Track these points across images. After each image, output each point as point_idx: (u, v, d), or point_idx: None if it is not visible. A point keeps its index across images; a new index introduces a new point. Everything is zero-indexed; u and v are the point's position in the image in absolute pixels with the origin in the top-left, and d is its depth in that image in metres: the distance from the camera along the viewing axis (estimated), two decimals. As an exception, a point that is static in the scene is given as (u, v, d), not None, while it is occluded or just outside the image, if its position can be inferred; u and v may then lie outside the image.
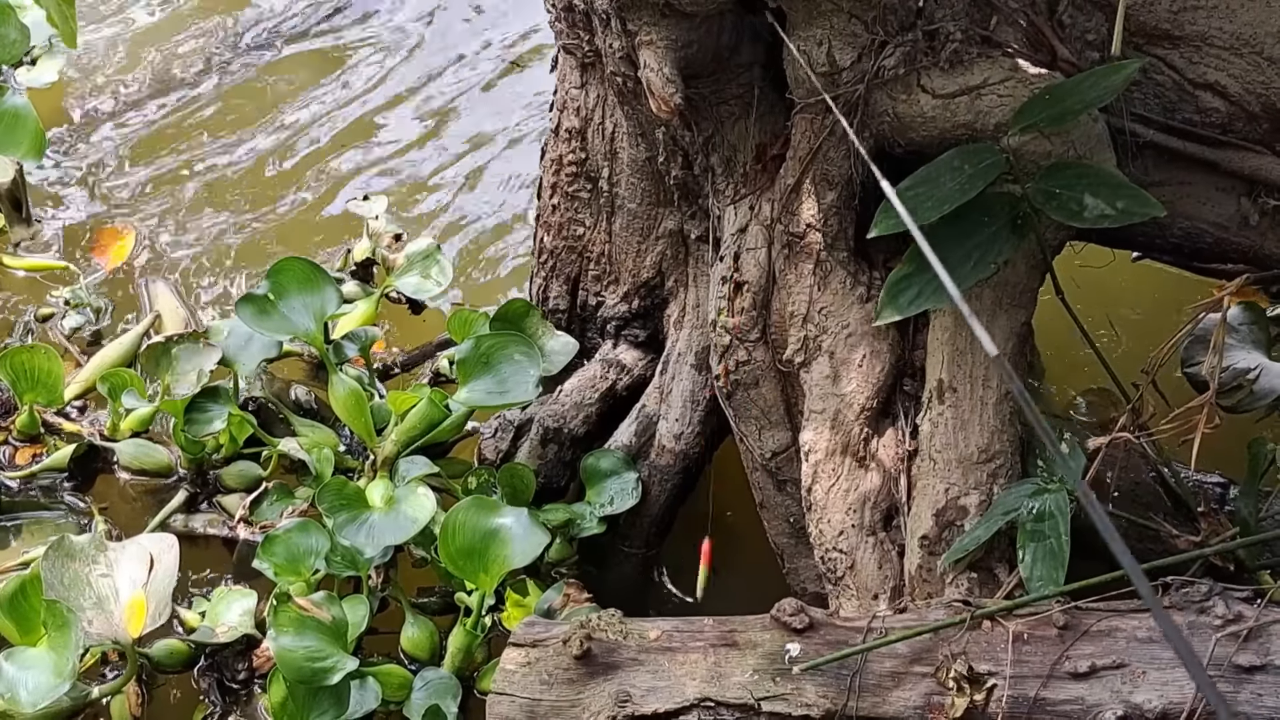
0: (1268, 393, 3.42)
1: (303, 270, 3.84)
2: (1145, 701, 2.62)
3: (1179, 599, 2.71)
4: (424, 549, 3.69)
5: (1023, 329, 3.14)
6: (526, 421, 3.93)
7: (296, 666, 3.25)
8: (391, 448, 3.79)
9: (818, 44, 3.07)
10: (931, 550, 3.08)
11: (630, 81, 3.34)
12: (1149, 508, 3.32)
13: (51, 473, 4.07)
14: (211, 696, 3.62)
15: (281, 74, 5.65)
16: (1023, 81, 2.99)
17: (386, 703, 3.45)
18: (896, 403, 3.31)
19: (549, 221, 3.98)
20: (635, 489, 3.78)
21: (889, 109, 3.11)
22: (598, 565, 3.85)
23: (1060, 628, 2.72)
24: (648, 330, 3.97)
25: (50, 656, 3.27)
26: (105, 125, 5.36)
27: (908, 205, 2.85)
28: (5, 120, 4.56)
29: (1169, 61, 3.20)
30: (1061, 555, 2.87)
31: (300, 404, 4.20)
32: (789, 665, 2.76)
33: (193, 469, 4.04)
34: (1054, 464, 3.10)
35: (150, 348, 4.11)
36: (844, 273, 3.29)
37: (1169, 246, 3.42)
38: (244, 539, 3.89)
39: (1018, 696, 2.68)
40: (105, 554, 3.49)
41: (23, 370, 4.02)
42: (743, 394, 3.46)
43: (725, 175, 3.44)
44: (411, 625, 3.64)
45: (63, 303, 4.57)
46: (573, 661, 2.82)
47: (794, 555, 3.56)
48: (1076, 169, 2.90)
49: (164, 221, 5.00)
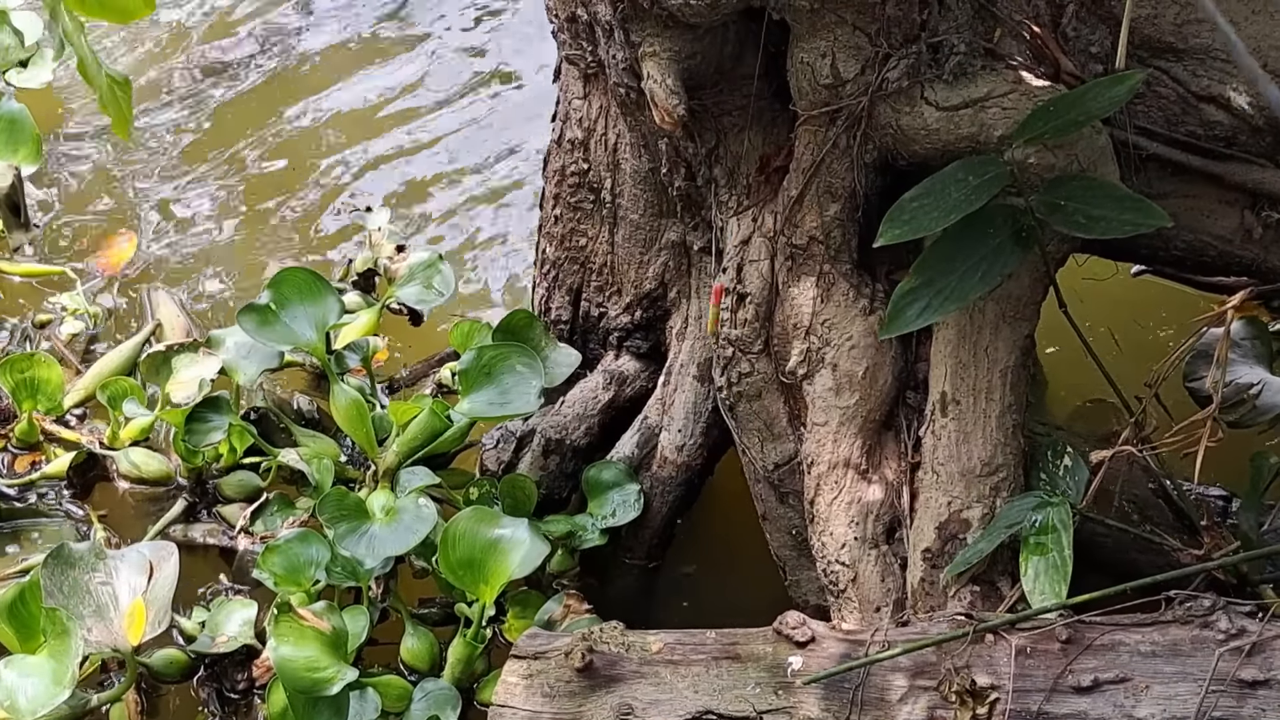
0: (1270, 408, 3.42)
1: (304, 280, 3.84)
2: (1148, 716, 2.62)
3: (1183, 613, 2.70)
4: (424, 560, 3.68)
5: (1026, 341, 3.14)
6: (528, 433, 3.92)
7: (296, 676, 3.24)
8: (393, 458, 3.79)
9: (821, 56, 3.07)
10: (934, 563, 3.08)
11: (633, 92, 3.34)
12: (1151, 521, 3.31)
13: (50, 481, 4.07)
14: (211, 707, 3.62)
15: (289, 78, 5.65)
16: (1026, 94, 2.99)
17: (386, 714, 3.44)
18: (899, 415, 3.31)
19: (551, 232, 3.98)
20: (637, 501, 3.77)
21: (892, 121, 3.11)
22: (599, 577, 3.84)
23: (1063, 641, 2.72)
24: (650, 341, 3.97)
25: (50, 664, 3.26)
26: (103, 128, 5.36)
27: (912, 216, 2.86)
28: (2, 126, 4.57)
29: (1173, 74, 3.20)
30: (1064, 569, 2.87)
31: (302, 414, 4.19)
32: (791, 678, 2.76)
33: (192, 478, 4.04)
34: (1057, 477, 3.10)
35: (150, 356, 4.11)
36: (847, 285, 3.29)
37: (1172, 260, 3.42)
38: (244, 549, 3.89)
39: (1020, 710, 2.68)
40: (105, 561, 3.49)
41: (22, 378, 4.02)
42: (745, 406, 3.46)
43: (728, 187, 3.44)
44: (411, 636, 3.64)
45: (60, 309, 4.56)
46: (575, 674, 2.82)
47: (796, 568, 3.56)
48: (1081, 181, 2.90)
49: (163, 227, 4.99)
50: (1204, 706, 2.60)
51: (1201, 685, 2.62)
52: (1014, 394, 3.11)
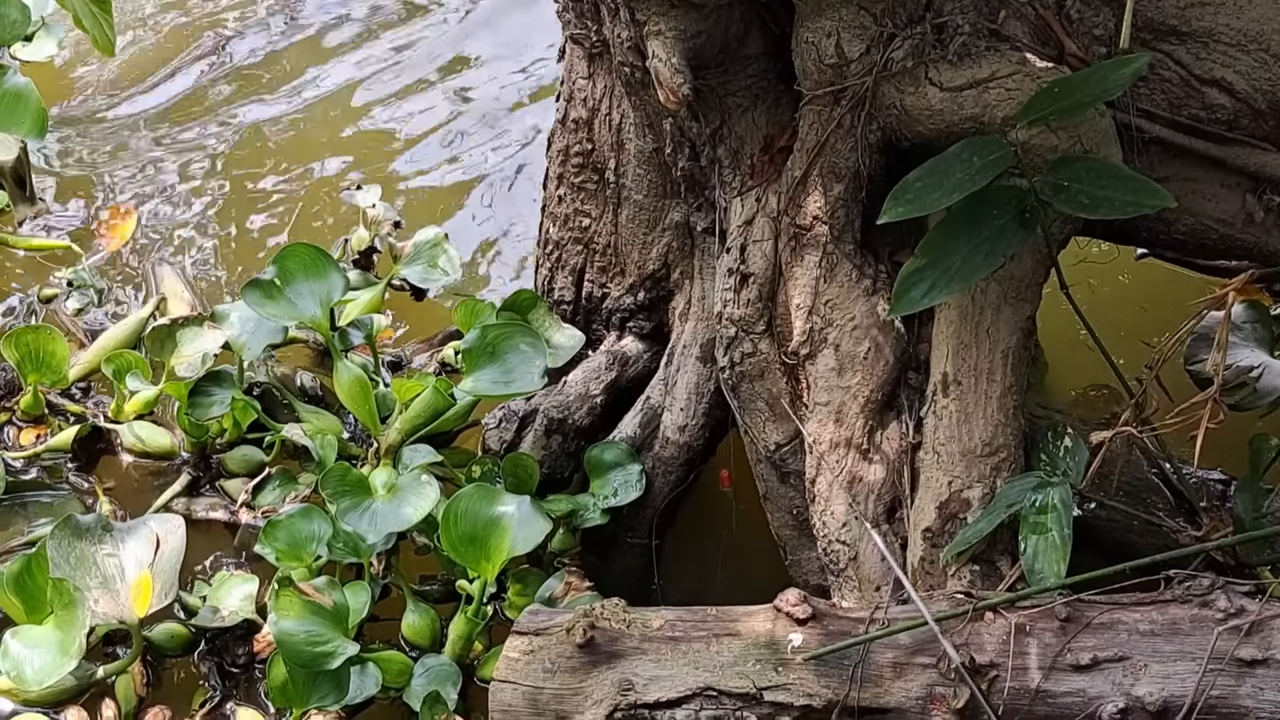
0: (1271, 390, 3.43)
1: (309, 256, 3.84)
2: (1146, 694, 2.63)
3: (1182, 592, 2.72)
4: (426, 536, 3.68)
5: (1027, 323, 3.15)
6: (531, 412, 3.92)
7: (297, 650, 3.26)
8: (395, 436, 3.80)
9: (826, 35, 3.08)
10: (934, 542, 3.09)
11: (638, 72, 3.35)
12: (1151, 505, 3.32)
13: (55, 454, 4.07)
14: (211, 680, 3.62)
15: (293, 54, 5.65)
16: (1030, 75, 3.00)
17: (387, 689, 3.45)
18: (901, 395, 3.32)
19: (555, 212, 3.99)
20: (639, 481, 3.78)
21: (896, 101, 3.12)
22: (600, 556, 3.85)
23: (1062, 620, 2.73)
24: (653, 322, 3.98)
25: (56, 635, 3.28)
26: (101, 103, 5.36)
27: (916, 194, 2.86)
28: (7, 100, 4.56)
29: (1176, 57, 3.21)
30: (1063, 548, 2.88)
31: (305, 390, 4.20)
32: (791, 655, 2.77)
33: (196, 452, 4.04)
34: (1057, 458, 3.11)
35: (155, 330, 4.10)
36: (850, 265, 3.30)
37: (1173, 243, 3.43)
38: (246, 524, 3.90)
39: (1019, 688, 2.69)
40: (111, 534, 3.50)
41: (28, 350, 4.02)
42: (748, 386, 3.47)
43: (732, 167, 3.44)
44: (413, 612, 3.64)
45: (65, 284, 4.57)
46: (576, 650, 2.83)
47: (797, 547, 3.56)
48: (1084, 162, 2.91)
49: (167, 203, 5.00)
50: (1202, 684, 2.61)
51: (1200, 664, 2.63)
52: (1015, 375, 3.12)
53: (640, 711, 2.78)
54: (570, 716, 2.81)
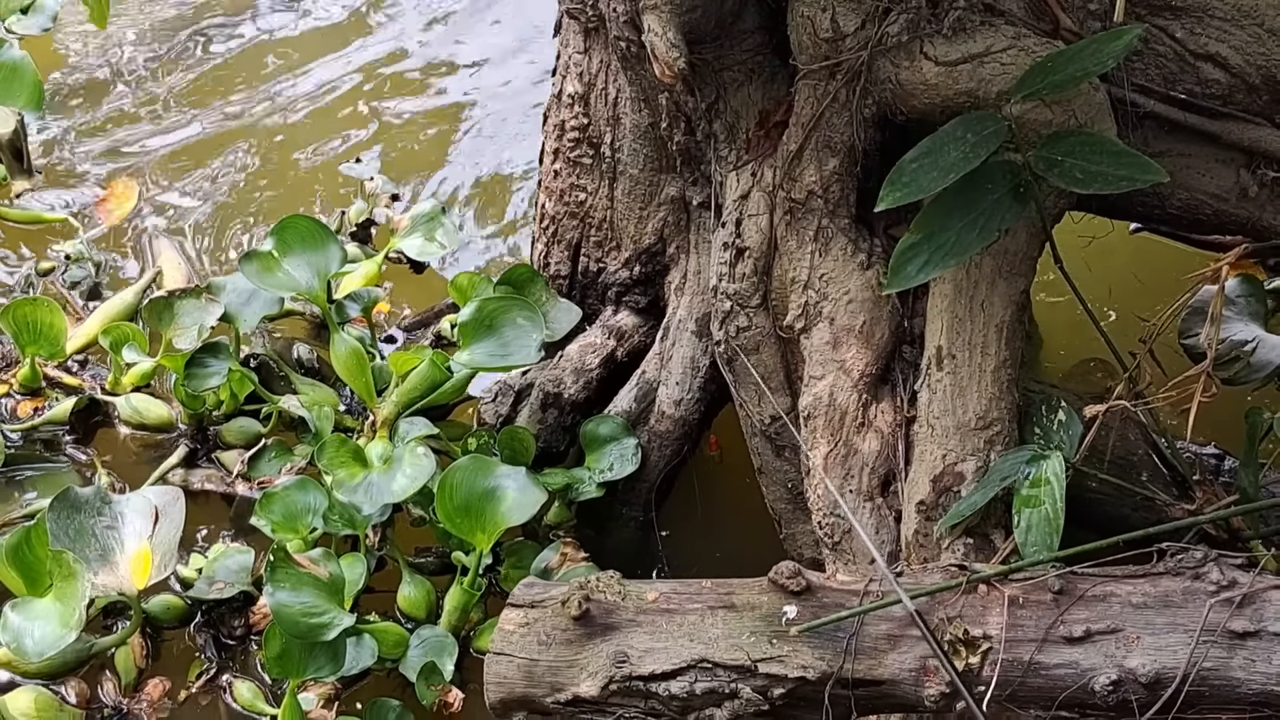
0: (1264, 364, 3.44)
1: (307, 227, 3.85)
2: (1139, 666, 2.64)
3: (1174, 565, 2.73)
4: (422, 508, 3.70)
5: (1021, 297, 3.15)
6: (527, 386, 3.94)
7: (293, 621, 3.27)
8: (391, 408, 3.80)
9: (822, 10, 3.08)
10: (928, 516, 3.10)
11: (634, 46, 3.35)
12: (1144, 480, 3.33)
13: (53, 426, 4.08)
14: (207, 652, 3.64)
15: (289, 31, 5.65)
16: (1025, 50, 3.00)
17: (383, 660, 3.47)
18: (895, 369, 3.33)
19: (551, 187, 3.99)
20: (635, 455, 3.79)
21: (891, 76, 3.12)
22: (596, 529, 3.86)
23: (1055, 593, 2.73)
24: (649, 297, 3.98)
25: (56, 607, 3.28)
26: (102, 75, 5.36)
27: (912, 177, 2.87)
28: (4, 72, 4.57)
29: (1170, 32, 3.21)
30: (1056, 521, 2.89)
31: (301, 362, 4.21)
32: (786, 627, 2.77)
33: (193, 424, 4.05)
34: (1050, 432, 3.12)
35: (152, 302, 4.11)
36: (845, 239, 3.30)
37: (1168, 218, 3.44)
38: (242, 495, 3.91)
39: (1012, 660, 2.70)
40: (110, 506, 3.50)
41: (25, 323, 4.03)
42: (743, 360, 3.47)
43: (728, 141, 3.45)
44: (408, 584, 3.66)
45: (63, 257, 4.57)
46: (571, 622, 2.84)
47: (791, 521, 3.58)
48: (1078, 136, 2.91)
49: (165, 176, 5.00)
50: (1194, 657, 2.62)
51: (1192, 636, 2.63)
52: (1009, 349, 3.12)
53: (635, 683, 2.78)
54: (565, 688, 2.82)
